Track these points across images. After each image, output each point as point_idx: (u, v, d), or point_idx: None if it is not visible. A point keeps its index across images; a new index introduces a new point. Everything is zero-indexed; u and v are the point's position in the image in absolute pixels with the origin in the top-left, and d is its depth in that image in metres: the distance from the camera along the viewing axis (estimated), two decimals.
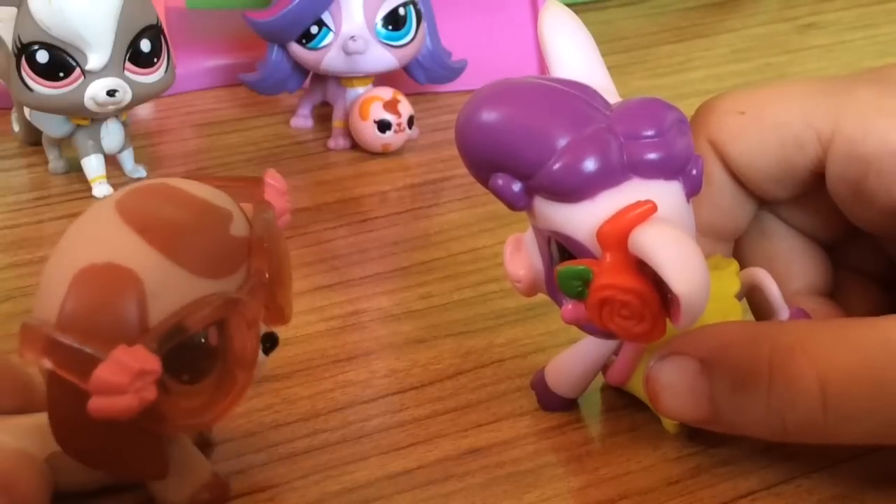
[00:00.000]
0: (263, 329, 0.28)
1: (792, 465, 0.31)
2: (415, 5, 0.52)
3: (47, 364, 0.25)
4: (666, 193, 0.27)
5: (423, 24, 0.53)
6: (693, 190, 0.28)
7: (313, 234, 0.45)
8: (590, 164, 0.27)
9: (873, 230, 0.32)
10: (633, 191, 0.27)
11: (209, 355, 0.27)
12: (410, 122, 0.51)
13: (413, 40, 0.52)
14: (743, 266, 0.33)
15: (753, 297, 0.33)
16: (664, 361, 0.30)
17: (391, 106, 0.51)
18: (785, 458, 0.31)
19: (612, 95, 0.30)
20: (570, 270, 0.28)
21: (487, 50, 0.58)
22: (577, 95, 0.28)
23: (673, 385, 0.29)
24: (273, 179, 0.30)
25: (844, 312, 0.33)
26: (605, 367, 0.33)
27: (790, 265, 0.34)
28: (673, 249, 0.26)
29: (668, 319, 0.27)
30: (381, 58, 0.51)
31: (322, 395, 0.35)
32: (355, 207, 0.47)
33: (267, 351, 0.28)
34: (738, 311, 0.32)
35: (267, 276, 0.27)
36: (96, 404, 0.25)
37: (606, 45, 0.64)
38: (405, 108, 0.51)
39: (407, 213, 0.47)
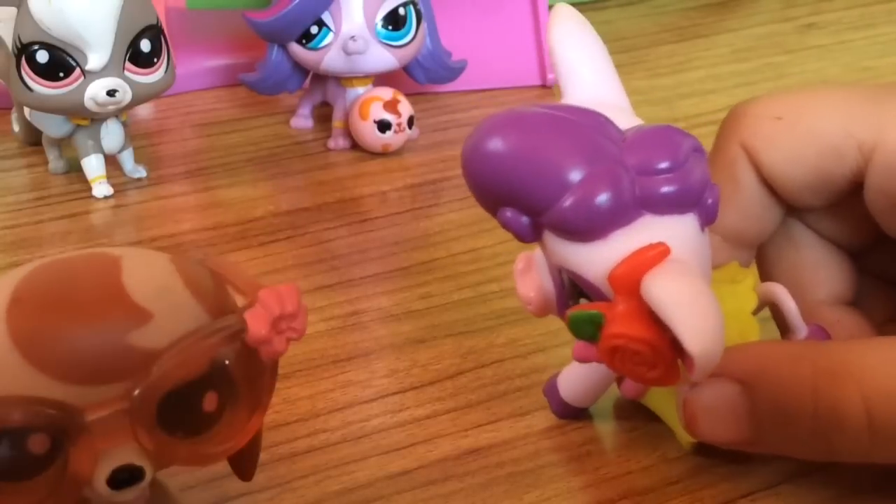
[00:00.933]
0: (129, 459, 0.23)
1: (792, 464, 0.31)
2: (415, 5, 0.52)
3: None
4: (680, 229, 0.27)
5: (423, 24, 0.53)
6: (708, 220, 0.27)
7: (313, 234, 0.45)
8: (601, 203, 0.26)
9: None
10: (646, 229, 0.26)
11: (31, 460, 0.23)
12: (410, 122, 0.51)
13: (413, 40, 0.52)
14: (765, 273, 0.33)
15: (773, 312, 0.32)
16: (702, 385, 0.29)
17: (391, 106, 0.51)
18: (785, 457, 0.31)
19: (624, 112, 0.29)
20: (582, 315, 0.27)
21: (487, 50, 0.58)
22: (588, 126, 0.27)
23: (712, 408, 0.29)
24: (275, 298, 0.25)
25: (868, 320, 0.33)
26: (618, 379, 0.32)
27: (816, 273, 0.33)
28: (686, 305, 0.25)
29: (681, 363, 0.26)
30: (381, 58, 0.51)
31: (322, 395, 0.35)
32: (355, 207, 0.47)
33: (114, 485, 0.23)
34: (755, 329, 0.31)
35: (136, 399, 0.23)
36: None
37: (606, 45, 0.64)
38: (405, 108, 0.51)
39: (407, 213, 0.47)
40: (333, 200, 0.48)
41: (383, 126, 0.51)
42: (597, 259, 0.26)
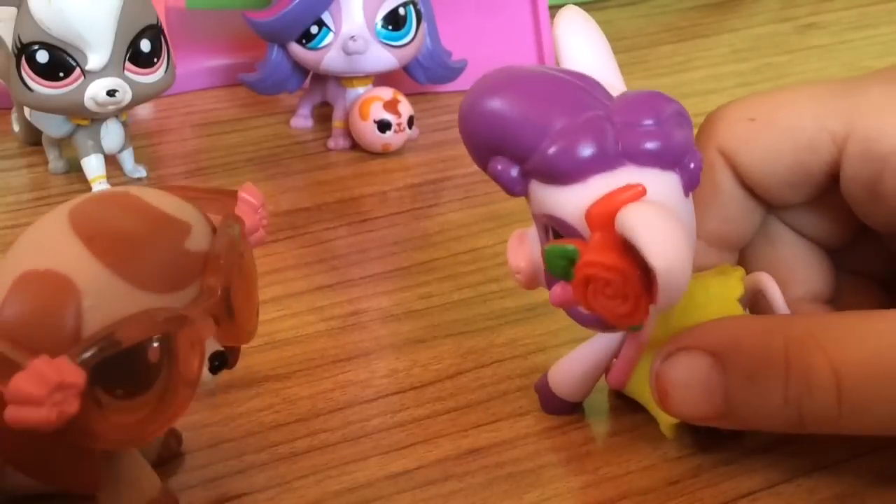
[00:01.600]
0: (214, 347, 0.27)
1: (792, 464, 0.31)
2: (415, 5, 0.52)
3: None
4: (659, 182, 0.28)
5: (423, 24, 0.53)
6: (690, 184, 0.28)
7: (313, 234, 0.45)
8: (583, 148, 0.27)
9: (888, 230, 0.32)
10: (626, 176, 0.27)
11: (148, 371, 0.26)
12: (410, 122, 0.51)
13: (413, 40, 0.52)
14: (746, 272, 0.33)
15: (757, 303, 0.33)
16: (673, 358, 0.29)
17: (391, 106, 0.51)
18: (786, 457, 0.31)
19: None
20: (557, 248, 0.28)
21: (487, 50, 0.58)
22: (577, 84, 0.28)
23: (684, 381, 0.29)
24: (248, 194, 0.29)
25: None
26: (606, 370, 0.32)
27: (794, 271, 0.34)
28: (653, 226, 0.26)
29: (651, 306, 0.27)
30: (381, 58, 0.51)
31: (322, 395, 0.35)
32: (355, 207, 0.47)
33: (214, 370, 0.27)
34: (738, 310, 0.31)
35: (219, 292, 0.27)
36: (12, 414, 0.24)
37: None
38: (405, 108, 0.51)
39: (407, 213, 0.47)
40: (333, 200, 0.48)
41: (383, 126, 0.51)
42: (576, 201, 0.28)
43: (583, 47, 0.31)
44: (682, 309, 0.30)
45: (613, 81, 0.30)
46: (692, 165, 0.28)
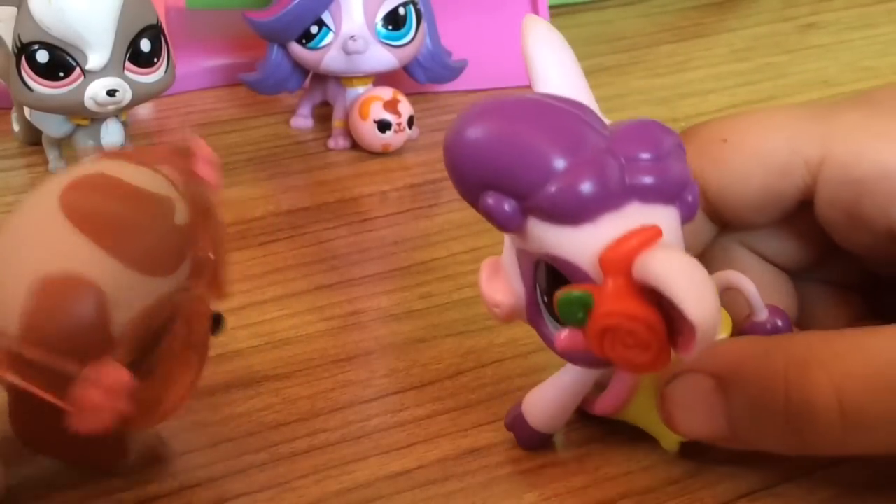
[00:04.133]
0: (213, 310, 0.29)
1: (792, 464, 0.31)
2: (415, 5, 0.52)
3: (13, 379, 0.25)
4: (665, 218, 0.27)
5: (423, 24, 0.53)
6: (688, 216, 0.28)
7: (313, 233, 0.45)
8: (591, 187, 0.26)
9: (864, 253, 0.32)
10: (635, 215, 0.26)
11: (164, 349, 0.27)
12: (410, 121, 0.51)
13: (413, 40, 0.52)
14: None
15: (726, 299, 0.32)
16: (678, 380, 0.29)
17: (391, 106, 0.51)
18: (785, 457, 0.31)
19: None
20: (571, 296, 0.26)
21: (487, 50, 0.58)
22: (572, 113, 0.27)
23: (688, 403, 0.29)
24: (200, 148, 0.30)
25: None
26: (585, 400, 0.32)
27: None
28: (687, 278, 0.25)
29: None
30: (381, 57, 0.51)
31: (322, 394, 0.35)
32: (355, 207, 0.47)
33: (213, 332, 0.29)
34: (727, 319, 0.31)
35: (212, 256, 0.28)
36: (76, 422, 0.25)
37: (606, 44, 0.64)
38: (405, 107, 0.51)
39: (407, 213, 0.47)
40: (333, 200, 0.48)
41: (383, 126, 0.51)
42: (586, 242, 0.26)
43: (553, 62, 0.30)
44: None
45: (581, 93, 0.29)
46: (690, 198, 0.27)
